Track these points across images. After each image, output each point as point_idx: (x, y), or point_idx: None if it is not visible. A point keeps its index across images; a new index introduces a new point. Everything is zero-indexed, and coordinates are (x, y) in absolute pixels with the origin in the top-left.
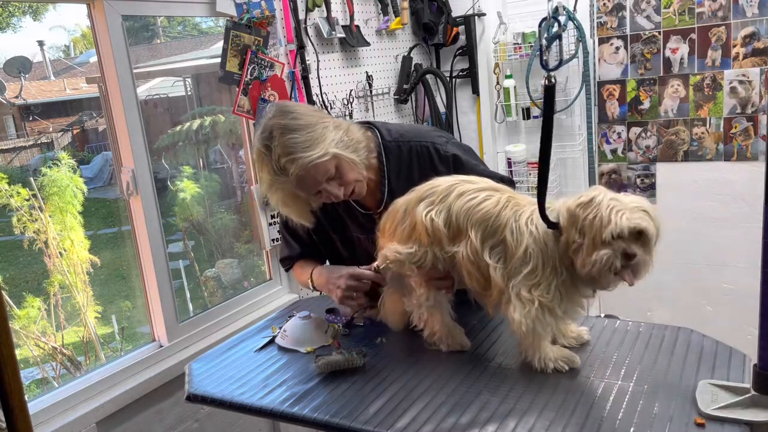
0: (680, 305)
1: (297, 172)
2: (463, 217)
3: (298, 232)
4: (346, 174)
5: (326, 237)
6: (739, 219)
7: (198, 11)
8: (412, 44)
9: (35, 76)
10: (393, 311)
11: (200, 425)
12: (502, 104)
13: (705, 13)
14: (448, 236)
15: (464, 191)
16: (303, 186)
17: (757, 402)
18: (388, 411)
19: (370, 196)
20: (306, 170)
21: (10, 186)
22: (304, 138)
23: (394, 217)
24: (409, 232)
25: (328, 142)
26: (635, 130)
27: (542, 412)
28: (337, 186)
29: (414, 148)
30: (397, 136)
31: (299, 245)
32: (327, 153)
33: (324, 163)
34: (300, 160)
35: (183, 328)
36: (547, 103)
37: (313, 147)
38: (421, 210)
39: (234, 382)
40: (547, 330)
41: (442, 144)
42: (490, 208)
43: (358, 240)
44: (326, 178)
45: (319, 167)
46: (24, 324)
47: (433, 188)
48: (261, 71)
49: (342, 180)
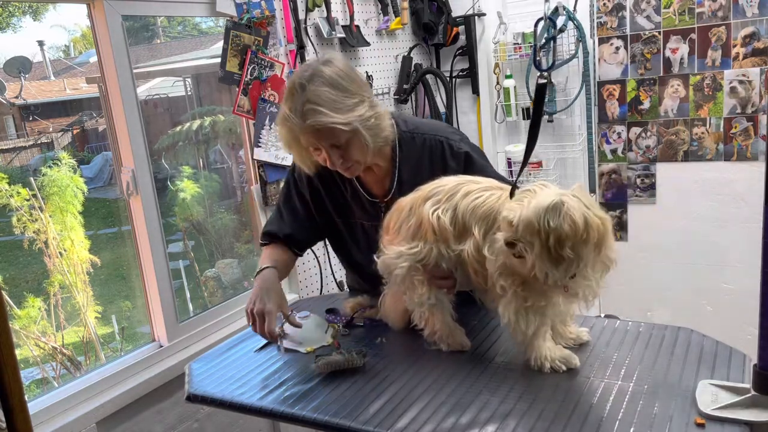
0: (680, 305)
1: (312, 123)
2: (469, 215)
3: (297, 210)
4: (353, 151)
5: (329, 219)
6: (739, 219)
7: (198, 11)
8: (412, 44)
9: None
10: (393, 310)
11: (200, 425)
12: (502, 104)
13: (705, 13)
14: (454, 234)
15: (470, 191)
16: (310, 137)
17: (757, 402)
18: (388, 411)
19: (379, 184)
20: (321, 127)
21: (10, 186)
22: (338, 99)
23: (399, 215)
24: (415, 230)
25: (356, 115)
26: (635, 130)
27: (542, 412)
28: (338, 155)
29: (428, 141)
30: (413, 128)
31: (292, 223)
32: (349, 124)
33: (340, 130)
34: (321, 116)
35: (183, 328)
36: (536, 102)
37: (341, 112)
38: (427, 208)
39: (234, 382)
40: (531, 327)
41: (456, 141)
42: (492, 203)
43: (362, 226)
44: (334, 143)
45: (334, 132)
46: (24, 324)
47: (440, 187)
48: (261, 71)
49: (346, 154)
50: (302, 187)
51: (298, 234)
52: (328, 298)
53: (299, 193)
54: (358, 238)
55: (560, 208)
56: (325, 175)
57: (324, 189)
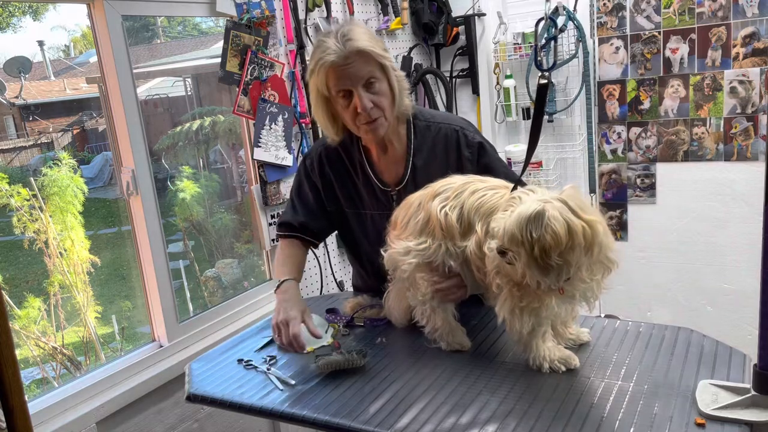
0: (680, 305)
1: (351, 49)
2: (473, 213)
3: (308, 201)
4: (383, 96)
5: (339, 209)
6: (739, 219)
7: (198, 11)
8: (412, 44)
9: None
10: (397, 307)
11: (200, 425)
12: (502, 104)
13: (705, 13)
14: (461, 232)
15: (477, 189)
16: (343, 70)
17: (757, 402)
18: (388, 411)
19: (392, 170)
20: (359, 53)
21: (10, 186)
22: (372, 38)
23: (407, 210)
24: (423, 226)
25: (390, 59)
26: (635, 130)
27: (542, 412)
28: (368, 98)
29: (443, 130)
30: (428, 117)
31: (305, 212)
32: (384, 58)
33: (376, 60)
34: (360, 42)
35: (183, 328)
36: (538, 102)
37: (377, 47)
38: (435, 205)
39: (234, 382)
40: (525, 326)
41: (470, 131)
42: (496, 201)
43: (371, 217)
44: (367, 79)
45: (370, 60)
46: (24, 324)
47: (449, 185)
48: (261, 71)
49: (376, 98)
50: (314, 176)
51: (312, 223)
52: (328, 298)
53: (311, 183)
54: (367, 229)
55: (541, 218)
56: (337, 163)
57: (336, 177)
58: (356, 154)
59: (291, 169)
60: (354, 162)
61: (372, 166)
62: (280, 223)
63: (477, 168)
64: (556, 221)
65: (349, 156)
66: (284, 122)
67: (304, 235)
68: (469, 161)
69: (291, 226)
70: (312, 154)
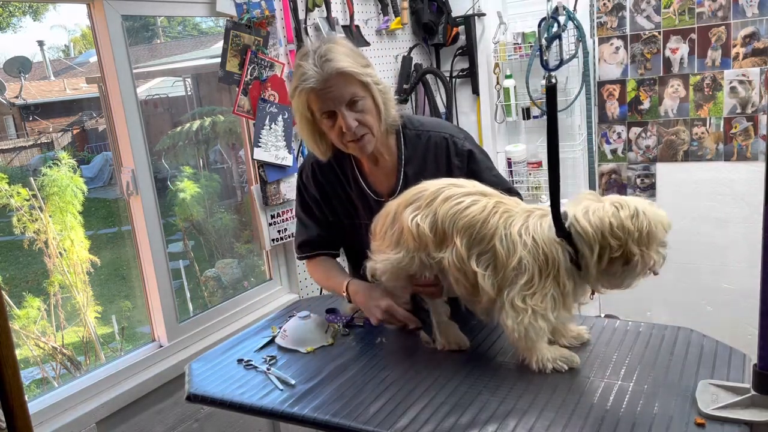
0: (680, 305)
1: (330, 71)
2: (448, 222)
3: (314, 213)
4: (368, 113)
5: (338, 221)
6: (739, 219)
7: (198, 11)
8: (412, 44)
9: (35, 76)
10: None
11: (200, 425)
12: (502, 104)
13: (705, 13)
14: (435, 242)
15: (451, 195)
16: (325, 94)
17: (757, 402)
18: (388, 411)
19: (384, 180)
20: (338, 74)
21: (10, 186)
22: (352, 56)
23: (384, 221)
24: (398, 237)
25: (370, 73)
26: (635, 130)
27: (542, 412)
28: (352, 117)
29: (432, 138)
30: (418, 125)
31: (316, 227)
32: (366, 75)
33: (357, 79)
34: (339, 62)
35: (183, 328)
36: (549, 103)
37: (357, 66)
38: (407, 214)
39: (234, 382)
40: (540, 334)
41: (460, 139)
42: (476, 213)
43: (366, 227)
44: (350, 100)
45: (350, 80)
46: (24, 324)
47: (421, 192)
48: (261, 71)
49: (361, 116)
50: (312, 189)
51: (326, 233)
52: (328, 298)
53: (311, 195)
54: (363, 240)
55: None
56: (330, 174)
57: (330, 189)
58: (348, 166)
59: (291, 169)
60: (346, 174)
61: (364, 177)
62: (299, 245)
63: (466, 176)
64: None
65: (342, 168)
66: (284, 122)
67: (326, 249)
68: (459, 169)
69: (312, 244)
70: (306, 167)
